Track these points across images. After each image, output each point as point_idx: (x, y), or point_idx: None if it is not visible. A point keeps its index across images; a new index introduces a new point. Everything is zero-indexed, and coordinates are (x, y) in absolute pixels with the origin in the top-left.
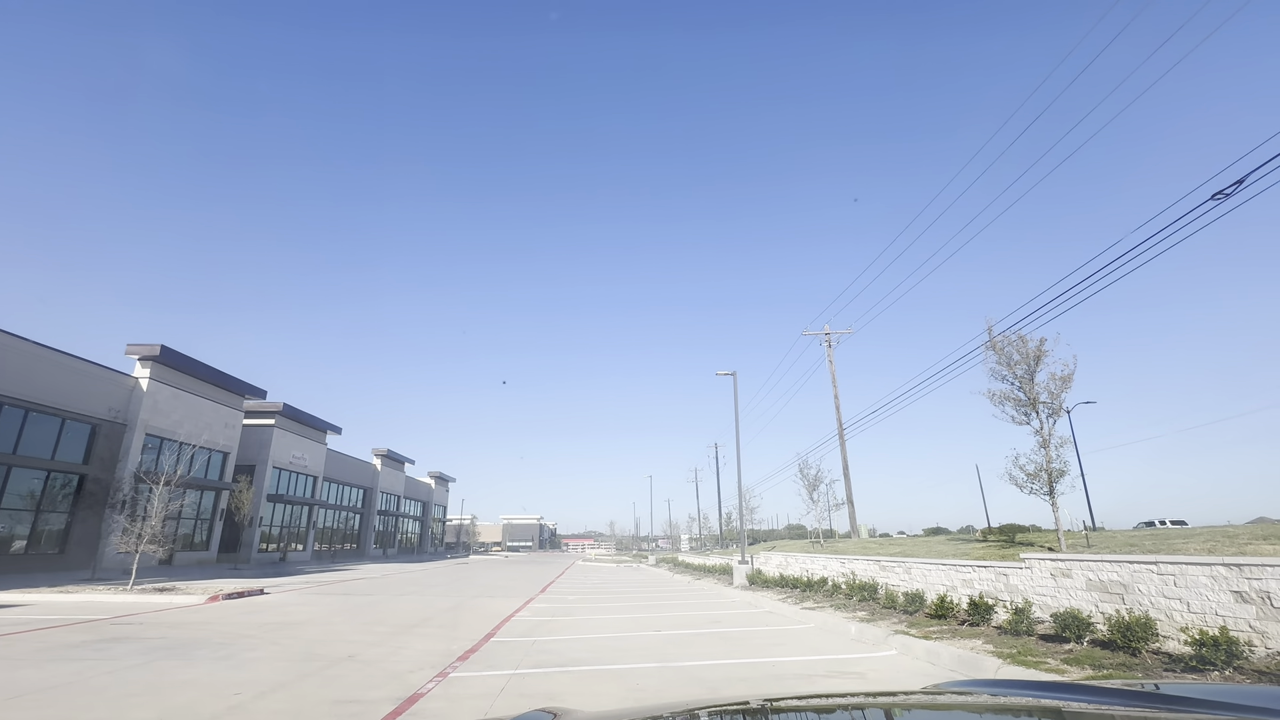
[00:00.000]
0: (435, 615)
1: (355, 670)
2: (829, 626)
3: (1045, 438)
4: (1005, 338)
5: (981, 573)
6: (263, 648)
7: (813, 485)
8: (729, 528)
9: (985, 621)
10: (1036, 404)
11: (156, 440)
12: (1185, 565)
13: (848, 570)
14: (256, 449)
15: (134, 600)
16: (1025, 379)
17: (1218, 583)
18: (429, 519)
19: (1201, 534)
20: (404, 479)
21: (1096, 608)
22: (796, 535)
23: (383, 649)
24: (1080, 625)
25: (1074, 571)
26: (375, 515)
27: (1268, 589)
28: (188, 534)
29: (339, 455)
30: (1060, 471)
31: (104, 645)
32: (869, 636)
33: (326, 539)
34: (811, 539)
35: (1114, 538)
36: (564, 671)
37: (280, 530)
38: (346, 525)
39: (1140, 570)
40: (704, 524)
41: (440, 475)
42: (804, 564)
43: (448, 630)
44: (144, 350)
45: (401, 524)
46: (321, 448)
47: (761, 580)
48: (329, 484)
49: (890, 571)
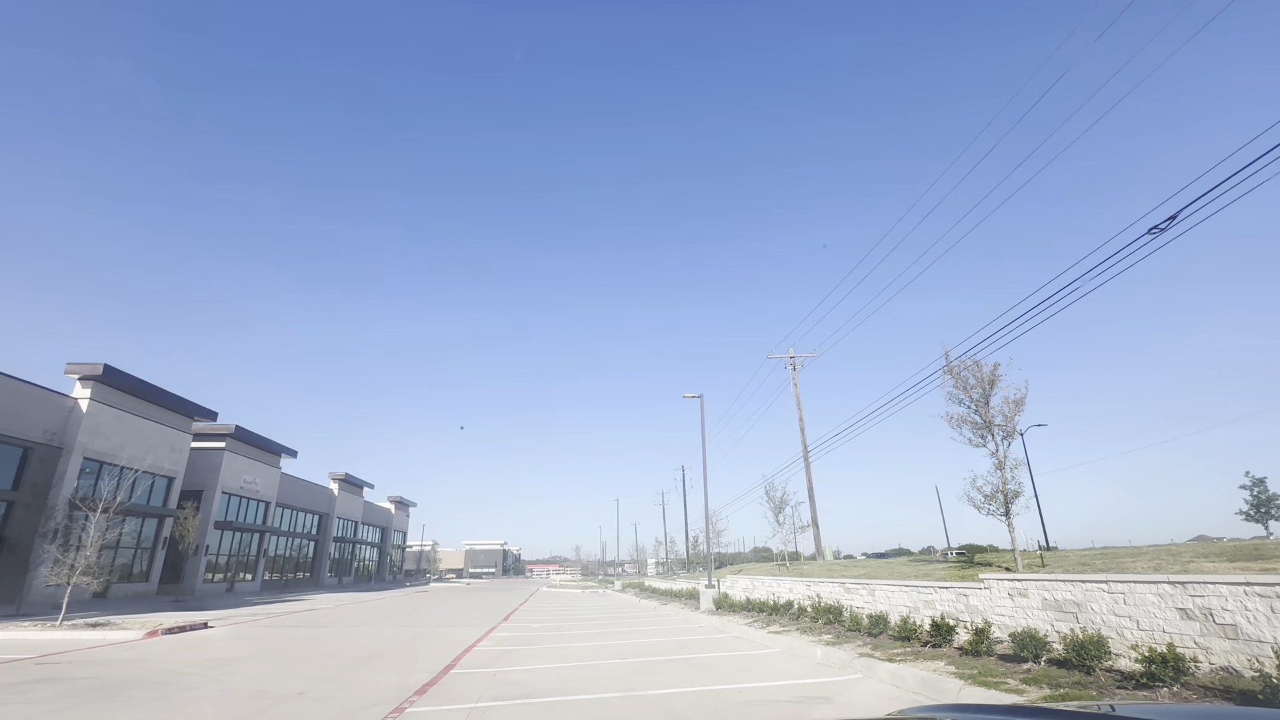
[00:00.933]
0: (392, 647)
1: (305, 708)
2: (795, 650)
3: (1000, 460)
4: (961, 362)
5: (943, 594)
6: (204, 686)
7: (779, 507)
8: (696, 551)
9: (947, 642)
10: (992, 427)
11: (96, 464)
12: (1133, 584)
13: (813, 593)
14: (205, 473)
15: (63, 637)
16: (981, 403)
17: (1164, 600)
18: (388, 546)
19: (1148, 552)
20: (362, 504)
21: (1052, 627)
22: (763, 558)
23: (335, 684)
24: (1037, 645)
25: (1030, 591)
26: (331, 542)
27: (1209, 606)
28: (126, 564)
29: (294, 479)
30: (1015, 493)
31: (26, 688)
32: (835, 660)
33: (278, 568)
34: (778, 561)
35: (1067, 557)
36: (526, 704)
37: (228, 559)
38: (300, 553)
39: (1092, 589)
40: (671, 548)
41: (400, 500)
42: (770, 587)
43: (405, 662)
44: (85, 369)
45: (359, 551)
46: (275, 471)
47: (728, 604)
48: (282, 509)
49: (855, 594)
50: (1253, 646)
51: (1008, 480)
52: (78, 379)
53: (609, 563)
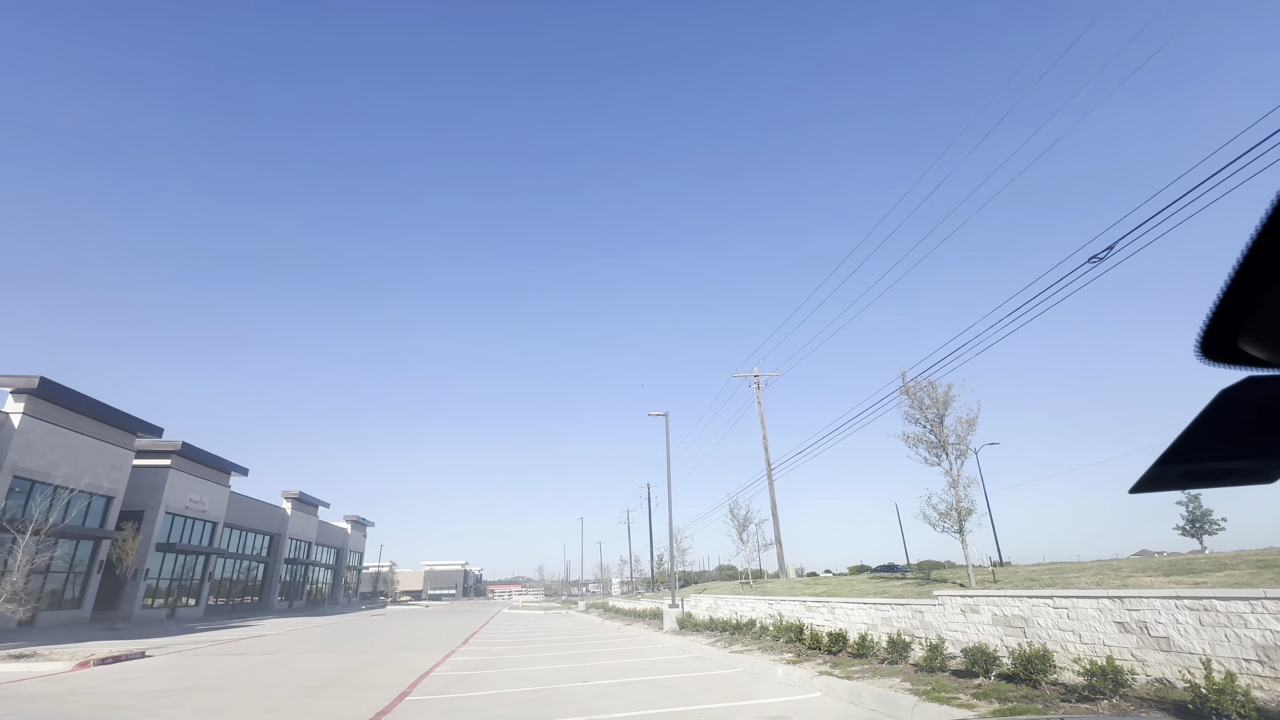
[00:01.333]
0: (345, 674)
1: None
2: (757, 670)
3: (954, 478)
4: (917, 383)
5: (899, 610)
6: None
7: (743, 525)
8: (660, 570)
9: (903, 659)
10: (946, 446)
11: (27, 483)
12: (1076, 599)
13: (775, 612)
14: (147, 492)
15: None
16: (935, 422)
17: (1104, 614)
18: (343, 567)
19: (1092, 568)
20: (317, 524)
21: (1002, 641)
22: (727, 576)
23: (281, 715)
24: (987, 660)
25: (981, 607)
26: (282, 564)
27: (1145, 620)
28: (57, 590)
29: (244, 499)
30: (969, 510)
31: None
32: (795, 679)
33: (224, 592)
34: (741, 580)
35: (1017, 572)
36: None
37: (170, 583)
38: (249, 576)
39: (1039, 604)
40: (635, 566)
41: (358, 519)
42: (733, 606)
43: (358, 690)
44: (18, 382)
45: (312, 573)
46: (224, 490)
47: (692, 624)
48: (230, 530)
49: (815, 611)
50: (1184, 658)
51: (961, 498)
52: (9, 392)
53: (573, 583)
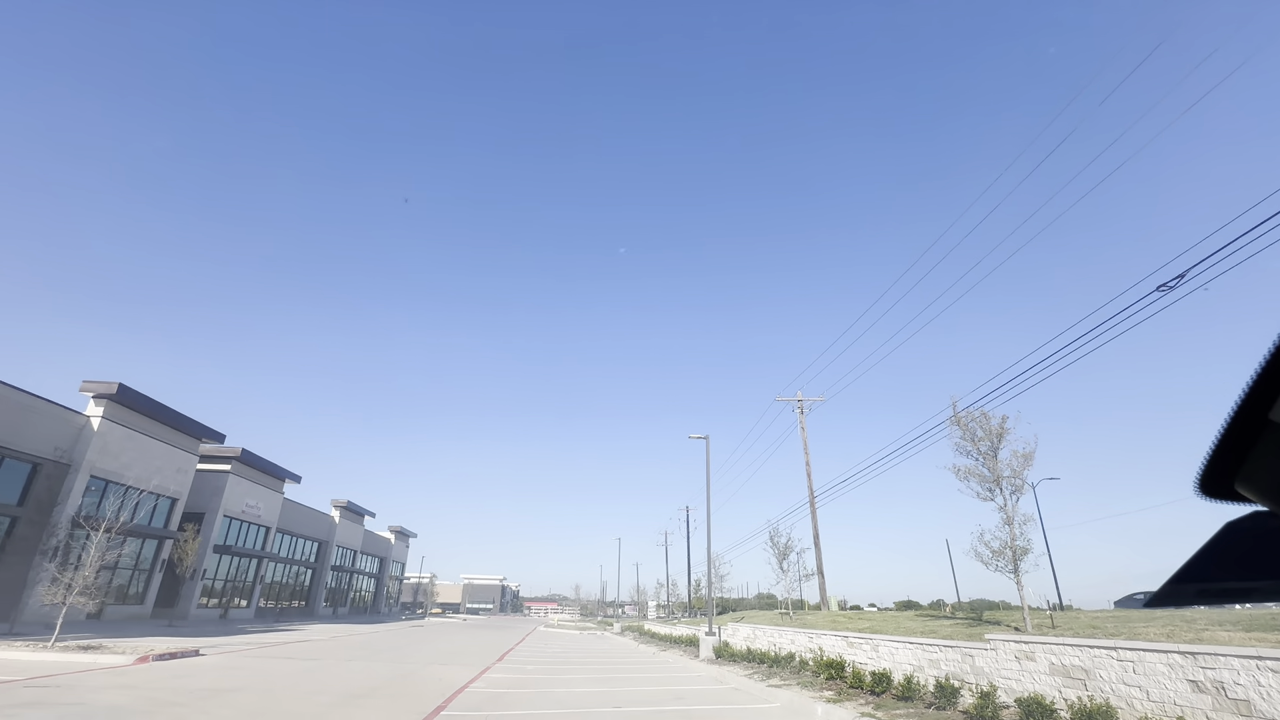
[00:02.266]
0: (384, 684)
1: None
2: (795, 706)
3: (1009, 515)
4: (969, 414)
5: (948, 653)
6: (192, 718)
7: (783, 554)
8: (697, 595)
9: (951, 705)
10: (1000, 481)
11: (101, 483)
12: (1143, 652)
13: (815, 646)
14: (208, 495)
15: (54, 659)
16: (989, 455)
17: (1174, 671)
18: (385, 576)
19: (1161, 617)
20: (363, 533)
21: (1059, 693)
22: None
23: None
24: (1043, 712)
25: (1037, 654)
26: (329, 571)
27: (1222, 679)
28: (123, 585)
29: (295, 505)
30: (1024, 549)
31: (15, 712)
32: (836, 718)
33: (274, 595)
34: (781, 609)
35: (1078, 618)
36: None
37: (224, 584)
38: (296, 581)
39: (1101, 655)
40: (672, 590)
41: (401, 530)
42: (772, 637)
43: (396, 701)
44: (99, 387)
45: (356, 581)
46: (278, 496)
47: (728, 653)
48: (282, 535)
49: (858, 648)
50: None
51: (1016, 536)
52: (91, 397)
53: (609, 603)
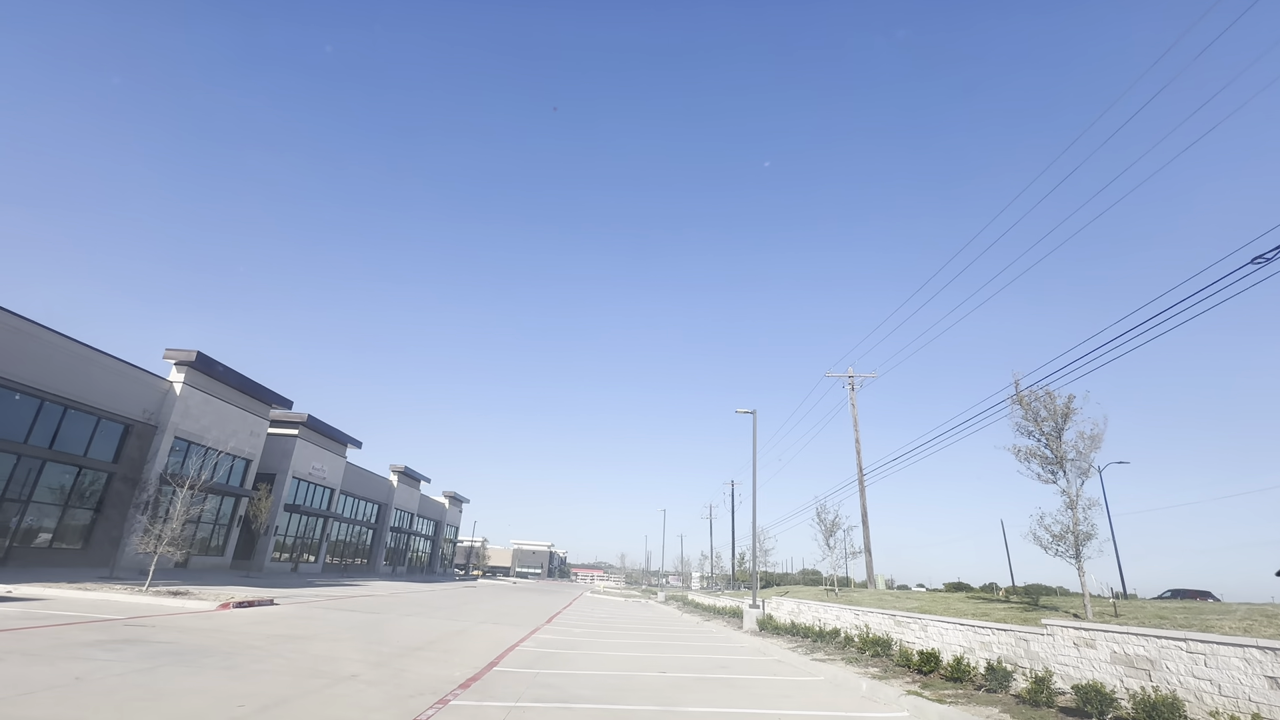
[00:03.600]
0: (440, 639)
1: (357, 690)
2: (839, 681)
3: (1072, 498)
4: (1032, 393)
5: (1001, 636)
6: (268, 660)
7: (830, 531)
8: (741, 568)
9: (1003, 688)
10: (1064, 462)
11: (184, 444)
12: (1217, 645)
13: (861, 623)
14: (278, 458)
15: (148, 602)
16: (1052, 436)
17: (1251, 666)
18: (440, 539)
19: (1239, 610)
20: (419, 497)
21: (1121, 682)
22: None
23: (386, 670)
24: (1103, 700)
25: (1098, 642)
26: (388, 532)
27: None
28: (205, 538)
29: (357, 469)
30: (1088, 535)
31: (115, 646)
32: (881, 695)
33: (338, 552)
34: (826, 586)
35: (1144, 608)
36: (564, 708)
37: (294, 541)
38: (359, 540)
39: (1169, 646)
40: (716, 563)
41: (455, 495)
42: (816, 613)
43: (451, 656)
44: (181, 355)
45: (413, 542)
46: (341, 460)
47: (772, 626)
48: (345, 497)
49: (905, 628)
50: None
51: (1079, 520)
52: (174, 364)
53: (653, 572)
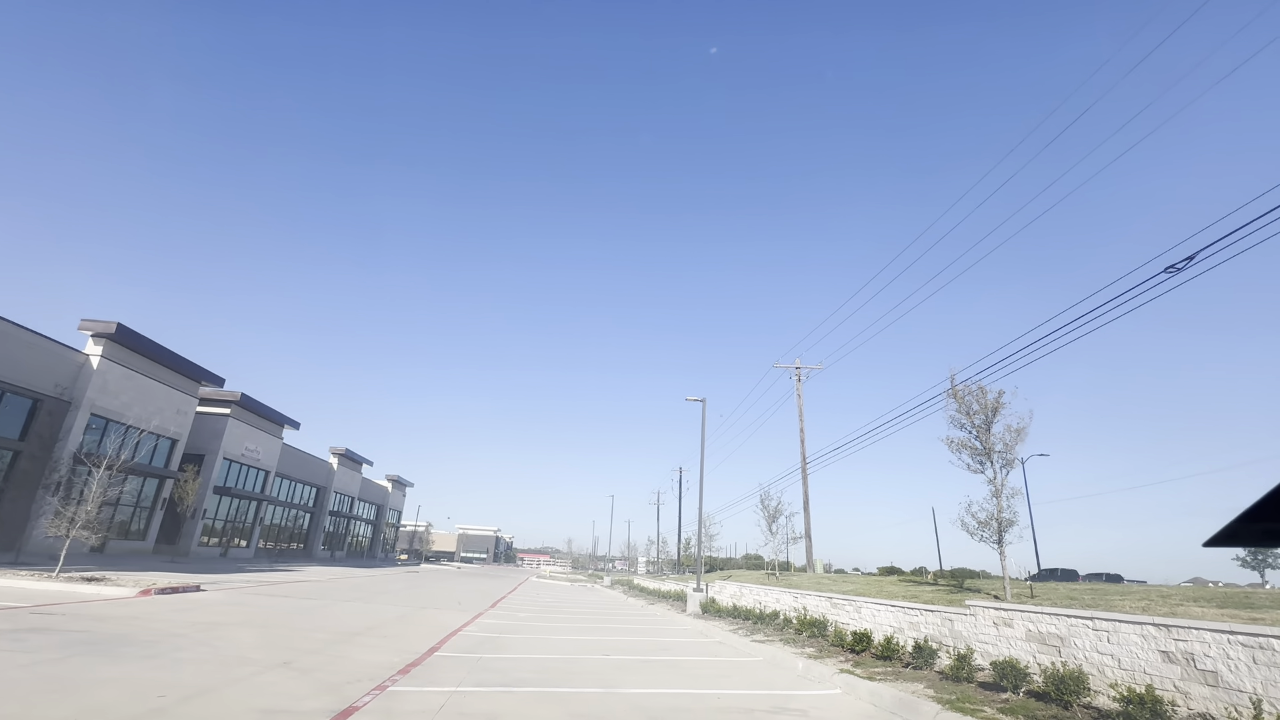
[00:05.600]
0: (380, 625)
1: (289, 678)
2: (777, 661)
3: (998, 487)
4: (966, 387)
5: (928, 616)
6: (193, 649)
7: (773, 517)
8: (686, 553)
9: (929, 665)
10: (991, 454)
11: (102, 421)
12: (1119, 623)
13: (800, 605)
14: (208, 438)
15: (59, 589)
16: (982, 429)
17: (1148, 641)
18: (382, 523)
19: (1137, 591)
20: (360, 480)
21: (1034, 658)
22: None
23: (321, 657)
24: (1018, 675)
25: (1015, 621)
26: (326, 516)
27: (1192, 651)
28: (125, 522)
29: (294, 451)
30: (1010, 521)
31: (20, 636)
32: (815, 674)
33: (273, 537)
34: (767, 570)
35: (1056, 589)
36: (507, 692)
37: (224, 524)
38: (295, 524)
39: (1077, 624)
40: (662, 547)
41: (398, 479)
42: (758, 596)
43: (391, 641)
44: (98, 326)
45: (353, 526)
46: (277, 441)
47: (715, 609)
48: (281, 480)
49: (841, 609)
50: (1232, 695)
51: (1003, 508)
52: (90, 335)
53: (600, 557)
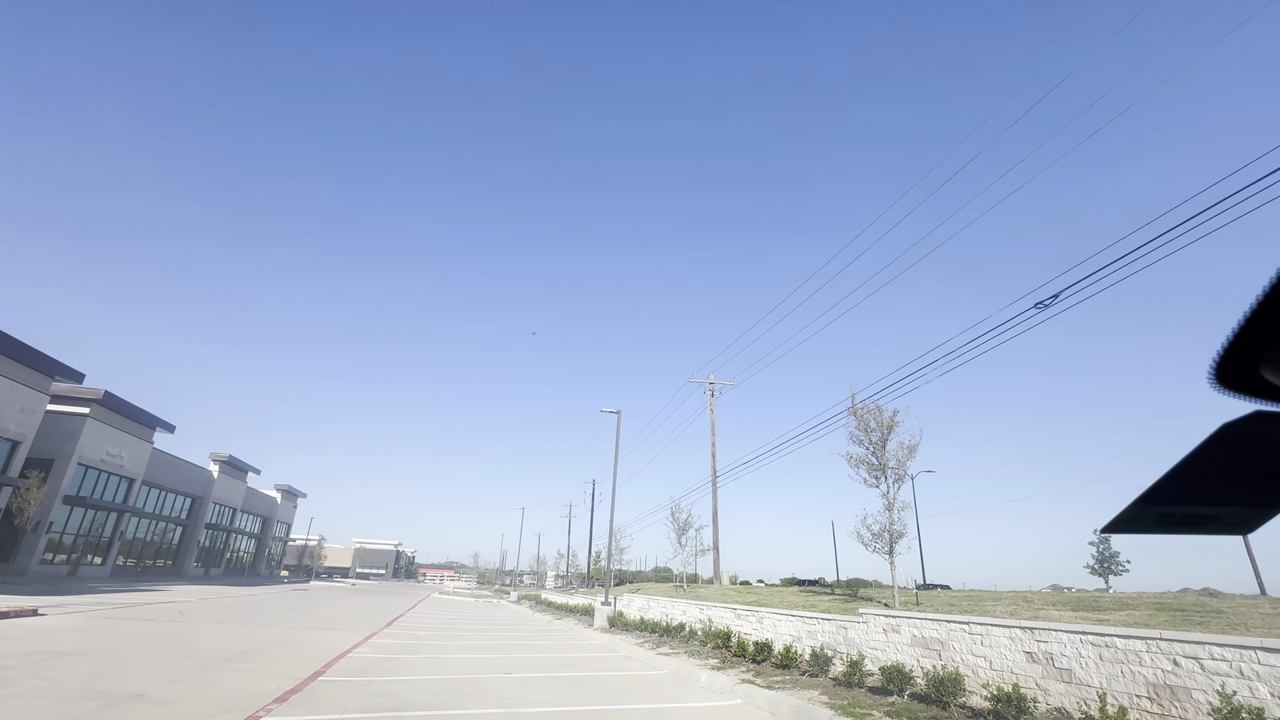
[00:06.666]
0: (256, 648)
1: (141, 713)
2: (681, 674)
3: (890, 501)
4: (865, 406)
5: (824, 625)
6: (23, 682)
7: (683, 529)
8: (597, 567)
9: (824, 673)
10: (885, 469)
11: None
12: (990, 626)
13: (705, 617)
14: (60, 440)
15: None
16: (878, 445)
17: (1015, 643)
18: (268, 537)
19: (1007, 598)
20: (245, 490)
21: (918, 662)
22: (663, 578)
23: (182, 686)
24: (903, 679)
25: (902, 628)
26: (202, 529)
27: (1051, 651)
28: None
29: (167, 457)
30: (900, 533)
31: None
32: (718, 685)
33: (136, 553)
34: (676, 583)
35: (939, 597)
36: (397, 716)
37: (75, 539)
38: (164, 539)
39: (956, 629)
40: (573, 561)
41: (289, 489)
42: (665, 608)
43: (268, 666)
44: None
45: (234, 541)
46: (146, 446)
47: (623, 623)
48: (149, 489)
49: (744, 620)
50: (1083, 690)
51: (895, 521)
52: None
53: (508, 572)
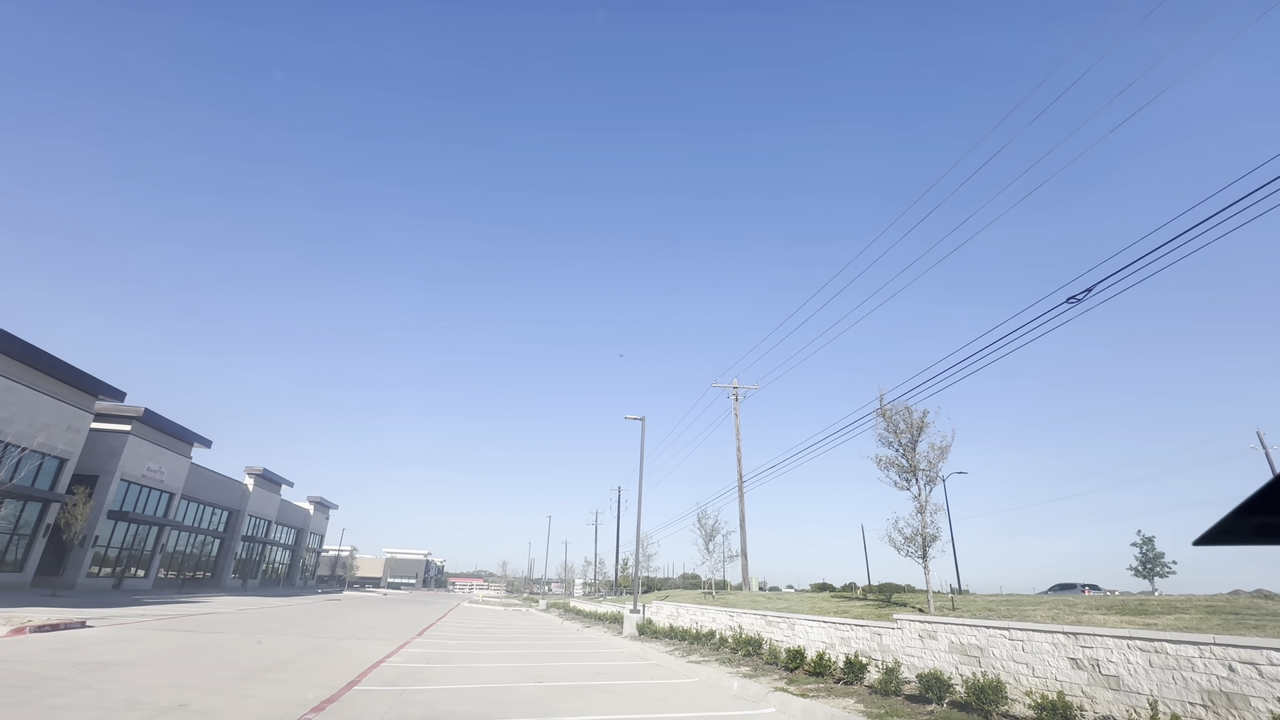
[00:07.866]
0: (294, 659)
1: None
2: (712, 682)
3: (922, 503)
4: (894, 407)
5: (858, 631)
6: (72, 693)
7: (710, 535)
8: (624, 574)
9: (859, 680)
10: (916, 471)
11: None
12: (1031, 632)
13: (735, 624)
14: (104, 457)
15: None
16: (908, 447)
17: (1058, 649)
18: (302, 548)
19: (1048, 602)
20: (279, 502)
21: (957, 669)
22: (691, 584)
23: (223, 697)
24: (941, 687)
25: (939, 634)
26: (239, 541)
27: (1097, 657)
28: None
29: (204, 471)
30: (933, 536)
31: None
32: (750, 694)
33: (176, 565)
34: (704, 589)
35: (975, 601)
36: None
37: (119, 553)
38: (203, 551)
39: (995, 635)
40: (600, 569)
41: (321, 501)
42: (694, 615)
43: (305, 676)
44: None
45: (270, 552)
46: (185, 461)
47: (652, 630)
48: (188, 502)
49: (775, 626)
50: (1132, 698)
51: (927, 524)
52: None
53: (536, 580)
